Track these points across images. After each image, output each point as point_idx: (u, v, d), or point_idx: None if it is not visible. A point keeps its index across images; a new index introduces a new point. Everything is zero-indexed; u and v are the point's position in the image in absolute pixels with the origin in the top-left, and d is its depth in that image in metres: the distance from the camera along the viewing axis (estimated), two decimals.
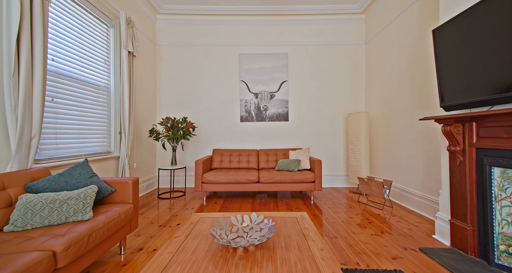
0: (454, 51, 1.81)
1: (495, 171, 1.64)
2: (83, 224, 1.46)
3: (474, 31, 1.64)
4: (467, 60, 1.71)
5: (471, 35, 1.67)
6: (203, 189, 3.27)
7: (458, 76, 1.78)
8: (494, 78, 1.52)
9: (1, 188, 1.49)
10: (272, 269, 1.05)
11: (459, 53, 1.77)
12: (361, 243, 2.03)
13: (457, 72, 1.79)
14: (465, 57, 1.72)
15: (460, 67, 1.76)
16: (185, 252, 1.21)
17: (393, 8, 3.31)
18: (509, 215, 1.58)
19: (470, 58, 1.68)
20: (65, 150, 2.29)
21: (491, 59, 1.53)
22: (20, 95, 1.69)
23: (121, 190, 1.93)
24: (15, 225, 1.41)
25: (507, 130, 1.54)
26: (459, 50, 1.76)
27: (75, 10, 2.40)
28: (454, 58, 1.81)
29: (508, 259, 1.58)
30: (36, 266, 1.07)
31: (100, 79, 2.79)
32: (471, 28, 1.66)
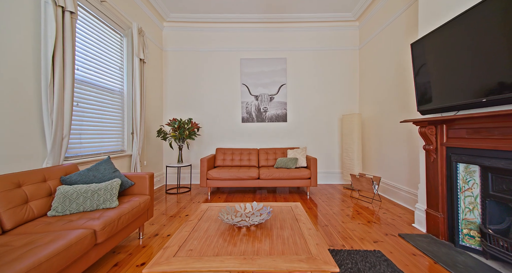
0: (428, 63, 2.08)
1: (460, 166, 1.92)
2: (111, 210, 1.75)
3: (444, 46, 1.92)
4: (438, 71, 1.99)
5: (442, 50, 1.95)
6: (207, 185, 3.56)
7: (431, 85, 2.06)
8: (459, 87, 1.80)
9: (42, 180, 1.78)
10: (269, 242, 1.33)
11: (432, 65, 2.05)
12: (348, 230, 2.31)
13: (431, 81, 2.07)
14: (436, 68, 2.00)
15: (433, 77, 2.04)
16: (199, 231, 1.49)
17: (384, 17, 3.59)
18: (470, 203, 1.87)
19: (440, 69, 1.96)
20: (87, 148, 2.58)
21: (457, 71, 1.81)
22: (55, 101, 1.98)
23: (139, 183, 2.22)
24: (57, 210, 1.70)
25: (468, 132, 1.82)
26: (432, 62, 2.04)
27: (94, 23, 2.69)
28: (428, 69, 2.09)
29: (469, 241, 1.86)
30: (83, 239, 1.36)
31: (115, 85, 3.08)
32: (442, 44, 1.94)
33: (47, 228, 1.48)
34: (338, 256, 1.78)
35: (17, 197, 1.56)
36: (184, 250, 1.23)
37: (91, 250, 1.47)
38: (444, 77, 1.93)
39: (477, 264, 1.67)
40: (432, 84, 2.05)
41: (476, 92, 1.65)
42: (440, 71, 1.96)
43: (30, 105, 1.90)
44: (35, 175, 1.74)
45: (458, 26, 1.79)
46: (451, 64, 1.85)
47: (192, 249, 1.25)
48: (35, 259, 1.09)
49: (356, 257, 1.77)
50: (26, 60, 1.87)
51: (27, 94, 1.87)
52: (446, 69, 1.90)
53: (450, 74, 1.87)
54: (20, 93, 1.82)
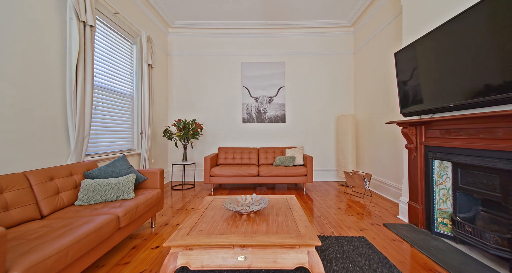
0: (408, 71, 2.33)
1: (435, 162, 2.17)
2: (129, 201, 2.02)
3: (420, 57, 2.17)
4: (416, 78, 2.24)
5: (418, 60, 2.20)
6: (211, 181, 3.82)
7: (411, 90, 2.31)
8: (434, 93, 2.05)
9: (69, 175, 2.05)
10: (266, 225, 1.59)
11: (411, 73, 2.30)
12: (338, 220, 2.57)
13: (411, 87, 2.32)
14: (415, 76, 2.25)
15: (412, 84, 2.29)
16: (206, 217, 1.75)
17: (375, 25, 3.83)
18: (444, 195, 2.12)
19: (418, 77, 2.21)
20: (103, 147, 2.84)
21: (430, 79, 2.06)
22: (78, 105, 2.24)
23: (151, 178, 2.48)
24: (82, 200, 1.96)
25: (441, 132, 2.08)
26: (411, 70, 2.29)
27: (108, 33, 2.95)
28: (408, 76, 2.34)
29: (443, 228, 2.12)
30: (110, 223, 1.63)
31: (125, 89, 3.34)
32: (418, 55, 2.19)
33: (77, 214, 1.74)
34: (327, 241, 2.04)
35: (50, 188, 1.82)
36: (195, 231, 1.49)
37: (115, 233, 1.74)
38: (421, 84, 2.18)
39: (447, 247, 1.93)
40: (412, 89, 2.30)
41: (445, 98, 1.90)
42: (417, 78, 2.21)
43: (57, 109, 2.16)
44: (63, 170, 2.01)
45: (428, 41, 2.03)
46: (426, 73, 2.10)
47: (201, 229, 1.51)
48: (76, 236, 1.35)
49: (342, 242, 2.02)
50: (54, 70, 2.13)
51: (54, 100, 2.14)
52: (422, 77, 2.15)
53: (425, 82, 2.11)
54: (49, 100, 2.09)
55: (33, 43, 1.94)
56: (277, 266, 1.33)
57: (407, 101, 2.38)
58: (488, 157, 1.67)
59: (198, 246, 1.35)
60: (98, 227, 1.51)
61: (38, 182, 1.76)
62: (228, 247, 1.37)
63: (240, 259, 1.34)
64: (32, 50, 1.93)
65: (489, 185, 1.72)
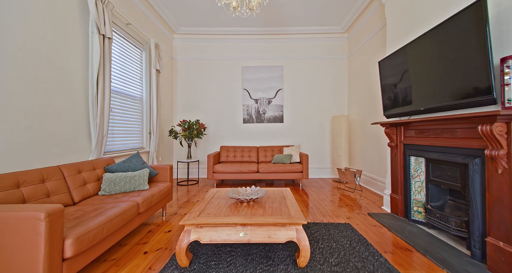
0: (390, 78, 2.64)
1: (411, 159, 2.48)
2: (145, 191, 2.33)
3: (399, 66, 2.47)
4: (396, 84, 2.54)
5: (397, 69, 2.50)
6: (214, 178, 4.13)
7: (392, 95, 2.62)
8: (409, 98, 2.35)
9: (93, 169, 2.36)
10: (262, 210, 1.90)
11: (392, 79, 2.60)
12: (328, 210, 2.88)
13: (391, 92, 2.62)
14: (395, 82, 2.56)
15: (393, 89, 2.60)
16: (212, 204, 2.06)
17: (366, 32, 4.13)
18: (419, 187, 2.43)
19: (397, 83, 2.51)
20: (117, 145, 3.15)
21: (405, 85, 2.36)
22: (99, 108, 2.56)
23: (162, 173, 2.79)
24: (105, 191, 2.27)
25: (416, 132, 2.38)
26: (392, 77, 2.60)
27: (121, 41, 3.26)
28: (389, 82, 2.65)
29: (418, 216, 2.43)
30: (132, 208, 1.94)
31: (136, 92, 3.65)
32: (397, 64, 2.49)
33: (102, 201, 2.06)
34: (316, 226, 2.35)
35: (79, 180, 2.14)
36: (204, 214, 1.80)
37: (135, 217, 2.05)
38: (399, 89, 2.48)
39: (419, 231, 2.23)
40: (392, 94, 2.60)
41: (418, 103, 2.21)
42: (396, 85, 2.52)
43: (80, 112, 2.47)
44: (88, 165, 2.32)
45: (402, 53, 2.34)
46: (402, 80, 2.40)
47: (209, 213, 1.82)
48: (107, 216, 1.67)
49: (330, 227, 2.33)
50: (78, 78, 2.44)
51: (79, 104, 2.45)
52: (400, 83, 2.45)
53: (402, 88, 2.42)
54: (74, 104, 2.40)
55: (62, 55, 2.25)
56: (271, 240, 1.64)
57: (389, 104, 2.68)
58: (450, 153, 1.97)
59: (207, 225, 1.67)
60: (123, 210, 1.83)
61: (69, 174, 2.07)
62: (232, 225, 1.68)
63: (241, 235, 1.65)
64: (61, 62, 2.24)
65: (452, 176, 2.03)
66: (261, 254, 1.83)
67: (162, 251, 1.93)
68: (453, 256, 1.79)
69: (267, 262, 1.72)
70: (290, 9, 4.17)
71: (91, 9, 2.46)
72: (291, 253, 1.85)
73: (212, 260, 1.75)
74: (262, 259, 1.76)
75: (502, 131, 1.48)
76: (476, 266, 1.64)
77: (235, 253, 1.85)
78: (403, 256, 1.83)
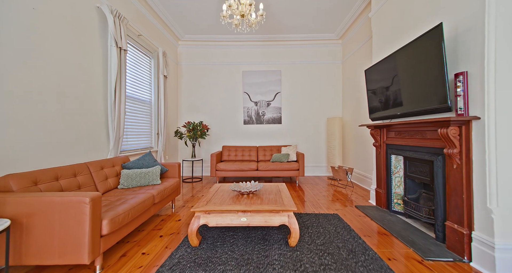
0: (373, 85, 2.96)
1: (392, 157, 2.81)
2: (158, 185, 2.67)
3: (380, 75, 2.80)
4: (378, 91, 2.86)
5: (379, 77, 2.83)
6: (216, 175, 4.47)
7: (376, 100, 2.94)
8: (389, 103, 2.68)
9: (112, 166, 2.70)
10: (260, 200, 2.23)
11: (375, 86, 2.93)
12: (320, 204, 3.21)
13: (375, 98, 2.95)
14: (377, 90, 2.88)
15: (376, 95, 2.92)
16: (217, 196, 2.39)
17: (359, 39, 4.46)
18: (398, 181, 2.75)
19: (379, 90, 2.84)
20: (130, 145, 3.49)
21: (388, 92, 2.69)
22: (116, 112, 2.89)
23: (171, 170, 3.13)
24: (123, 185, 2.61)
25: (395, 134, 2.71)
26: (375, 84, 2.92)
27: (133, 51, 3.60)
28: (373, 89, 2.97)
29: (397, 207, 2.75)
30: (149, 198, 2.27)
31: (146, 97, 3.99)
32: (378, 73, 2.82)
33: (123, 193, 2.39)
34: (308, 216, 2.68)
35: (102, 175, 2.47)
36: (210, 203, 2.14)
37: (151, 206, 2.39)
38: (381, 95, 2.80)
39: (397, 220, 2.56)
40: (376, 99, 2.93)
41: (396, 108, 2.54)
42: (378, 91, 2.84)
43: (100, 116, 2.81)
44: (108, 162, 2.66)
45: (381, 65, 2.66)
46: (383, 88, 2.73)
47: (215, 202, 2.15)
48: (130, 204, 2.00)
49: (319, 217, 2.67)
50: (99, 87, 2.78)
51: (99, 109, 2.78)
52: (381, 90, 2.78)
53: (384, 94, 2.74)
54: (96, 109, 2.73)
55: (86, 67, 2.59)
56: (267, 224, 1.97)
57: (373, 108, 3.01)
58: (421, 152, 2.30)
59: (214, 211, 2.00)
60: (143, 200, 2.17)
61: (94, 170, 2.41)
62: (234, 212, 2.01)
63: (242, 220, 1.98)
64: (85, 73, 2.58)
65: (423, 172, 2.35)
66: (258, 237, 2.16)
67: (175, 235, 2.27)
68: (421, 238, 2.12)
69: (263, 242, 2.05)
70: (287, 19, 4.49)
71: (110, 25, 2.80)
72: (284, 236, 2.18)
73: (217, 241, 2.09)
74: (260, 240, 2.09)
75: (456, 134, 1.80)
76: (438, 246, 1.97)
77: (237, 236, 2.18)
78: (379, 239, 2.16)
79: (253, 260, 1.76)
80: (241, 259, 1.78)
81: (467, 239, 1.77)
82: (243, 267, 1.68)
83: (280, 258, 1.80)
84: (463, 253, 1.78)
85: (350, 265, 1.70)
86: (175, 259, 1.80)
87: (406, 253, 1.90)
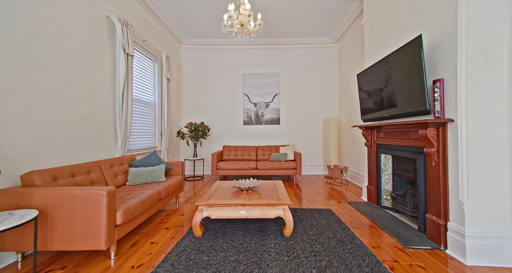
0: (365, 88, 3.16)
1: (382, 156, 3.01)
2: (163, 182, 2.87)
3: (370, 80, 2.99)
4: (368, 94, 3.06)
5: (369, 81, 3.02)
6: (217, 174, 4.66)
7: (367, 103, 3.14)
8: (378, 105, 2.87)
9: (120, 164, 2.90)
10: (258, 195, 2.42)
11: (366, 89, 3.12)
12: (316, 200, 3.41)
13: (367, 100, 3.14)
14: (368, 93, 3.08)
15: (367, 98, 3.12)
16: (218, 191, 2.59)
17: (353, 44, 4.65)
18: (387, 179, 2.95)
19: (369, 93, 3.04)
20: (135, 145, 3.69)
21: (377, 95, 2.88)
22: (123, 114, 3.09)
23: (175, 168, 3.33)
24: (131, 181, 2.81)
25: (385, 134, 2.91)
26: (366, 87, 3.12)
27: (139, 56, 3.79)
28: (365, 91, 3.17)
29: (386, 202, 2.95)
30: (156, 193, 2.47)
31: (150, 99, 4.19)
32: (368, 78, 3.01)
33: (132, 189, 2.59)
34: (303, 211, 2.88)
35: (112, 172, 2.67)
36: (212, 198, 2.33)
37: (158, 201, 2.59)
38: (372, 98, 3.00)
39: (385, 214, 2.76)
40: (367, 102, 3.12)
41: (384, 110, 2.73)
42: (369, 94, 3.04)
43: (109, 118, 3.01)
44: (117, 161, 2.86)
45: (371, 70, 2.86)
46: (373, 91, 2.93)
47: (216, 197, 2.35)
48: (140, 198, 2.20)
49: (313, 211, 2.86)
50: (108, 91, 2.98)
51: (108, 112, 2.98)
52: (371, 94, 2.98)
53: (373, 98, 2.94)
54: (105, 111, 2.93)
55: (96, 73, 2.79)
56: (264, 216, 2.17)
57: (365, 110, 3.21)
58: (407, 151, 2.50)
59: (216, 205, 2.20)
60: (150, 195, 2.37)
61: (105, 168, 2.61)
62: (234, 205, 2.21)
63: (241, 212, 2.18)
64: (96, 78, 2.78)
65: (409, 169, 2.55)
66: (256, 228, 2.36)
67: (180, 227, 2.47)
68: (405, 230, 2.32)
69: (261, 233, 2.25)
70: (286, 24, 4.69)
71: (118, 32, 3.00)
72: (279, 228, 2.38)
73: (219, 232, 2.29)
74: (257, 231, 2.29)
75: (434, 134, 2.00)
76: (420, 236, 2.17)
77: (237, 228, 2.38)
78: (366, 230, 2.36)
79: (251, 248, 1.96)
80: (240, 247, 1.98)
81: (443, 229, 1.96)
82: (242, 253, 1.88)
83: (275, 246, 2.00)
84: (440, 242, 1.98)
85: (338, 252, 1.90)
86: (181, 247, 2.00)
87: (389, 242, 2.10)
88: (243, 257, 1.82)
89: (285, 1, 3.91)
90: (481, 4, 1.79)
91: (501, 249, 1.73)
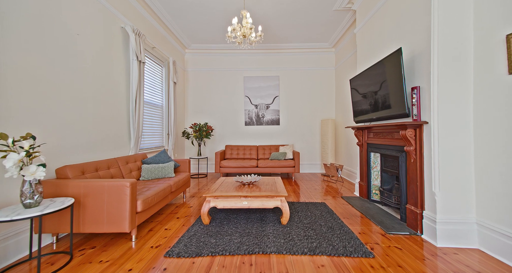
0: (357, 92, 3.45)
1: (371, 154, 3.30)
2: (173, 178, 3.17)
3: (361, 85, 3.29)
4: (359, 97, 3.35)
5: (361, 86, 3.31)
6: (220, 171, 4.97)
7: (359, 106, 3.43)
8: (368, 108, 3.16)
9: (134, 161, 3.20)
10: (259, 189, 2.72)
11: (358, 92, 3.41)
12: (312, 195, 3.70)
13: (359, 104, 3.44)
14: (359, 96, 3.37)
15: (358, 101, 3.41)
16: (223, 185, 2.89)
17: (349, 49, 4.94)
18: (376, 175, 3.25)
19: (360, 97, 3.33)
20: (146, 144, 4.00)
21: (367, 99, 3.18)
22: (136, 116, 3.40)
23: (183, 165, 3.64)
24: (144, 177, 3.12)
25: (374, 134, 3.20)
26: (358, 91, 3.41)
27: (149, 62, 4.10)
28: (357, 95, 3.46)
29: (375, 196, 3.25)
30: (167, 187, 2.78)
31: (158, 101, 4.50)
32: (361, 82, 3.30)
33: (146, 184, 2.90)
34: (299, 204, 3.18)
35: (128, 168, 2.98)
36: (218, 191, 2.64)
37: (169, 194, 2.89)
38: (361, 102, 3.29)
39: (374, 207, 3.05)
40: (359, 105, 3.42)
41: (372, 113, 3.03)
42: (360, 98, 3.33)
43: (124, 119, 3.32)
44: (132, 158, 3.17)
45: (361, 77, 3.15)
46: (363, 95, 3.22)
47: (221, 190, 2.65)
48: (154, 190, 2.50)
49: (309, 204, 3.16)
50: (123, 94, 3.29)
51: (122, 113, 3.29)
52: (361, 97, 3.27)
53: (363, 102, 3.23)
54: (120, 113, 3.24)
55: (113, 79, 3.10)
56: (264, 206, 2.47)
57: (357, 112, 3.50)
58: (392, 149, 2.79)
59: (221, 196, 2.50)
60: (163, 188, 2.67)
61: (122, 164, 2.92)
62: (237, 197, 2.51)
63: (244, 203, 2.48)
64: (113, 83, 3.09)
65: (394, 166, 2.85)
66: (257, 218, 2.66)
67: (189, 217, 2.77)
68: (388, 219, 2.61)
69: (261, 222, 2.55)
70: (285, 30, 4.99)
71: (132, 42, 3.31)
72: (277, 217, 2.68)
73: (224, 221, 2.59)
74: (258, 220, 2.59)
75: (412, 135, 2.30)
76: (401, 224, 2.46)
77: (240, 217, 2.69)
78: (355, 220, 2.65)
79: (253, 233, 2.26)
80: (243, 232, 2.28)
81: (420, 217, 2.26)
82: (245, 237, 2.18)
83: (273, 232, 2.30)
84: (417, 228, 2.27)
85: (328, 236, 2.20)
86: (191, 232, 2.30)
87: (374, 229, 2.40)
88: (246, 240, 2.12)
89: (284, 10, 4.21)
90: (451, 22, 2.08)
91: (466, 233, 2.02)
